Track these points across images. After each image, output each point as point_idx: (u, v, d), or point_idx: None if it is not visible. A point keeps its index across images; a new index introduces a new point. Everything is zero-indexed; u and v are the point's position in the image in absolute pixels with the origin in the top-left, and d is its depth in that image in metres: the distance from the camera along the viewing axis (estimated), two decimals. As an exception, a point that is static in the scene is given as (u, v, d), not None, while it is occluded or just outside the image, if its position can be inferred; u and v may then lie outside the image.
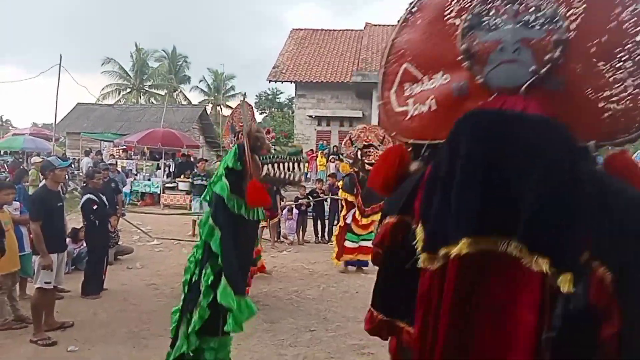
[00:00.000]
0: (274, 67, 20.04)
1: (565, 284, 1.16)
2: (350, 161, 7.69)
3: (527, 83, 1.38)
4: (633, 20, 1.39)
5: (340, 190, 7.75)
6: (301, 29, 23.69)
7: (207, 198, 2.95)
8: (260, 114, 37.05)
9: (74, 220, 8.31)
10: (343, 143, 8.12)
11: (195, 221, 10.73)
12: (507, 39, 1.43)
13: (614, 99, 1.38)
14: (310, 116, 19.46)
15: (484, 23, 1.48)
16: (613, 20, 1.39)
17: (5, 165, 15.57)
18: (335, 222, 10.56)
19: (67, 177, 8.51)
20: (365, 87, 18.17)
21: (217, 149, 25.63)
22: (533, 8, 1.43)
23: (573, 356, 1.22)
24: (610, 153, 1.47)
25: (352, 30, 23.51)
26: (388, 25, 22.66)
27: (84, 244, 6.89)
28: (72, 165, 17.81)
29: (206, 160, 13.03)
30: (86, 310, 5.47)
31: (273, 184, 3.29)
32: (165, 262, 8.05)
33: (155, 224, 11.25)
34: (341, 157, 11.16)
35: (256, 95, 41.93)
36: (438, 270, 1.34)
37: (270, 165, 3.07)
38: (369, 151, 7.42)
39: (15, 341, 4.58)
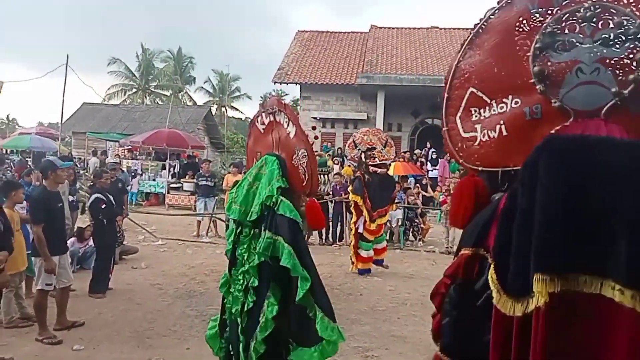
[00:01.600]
0: (279, 69, 20.07)
1: None
2: (355, 164, 7.68)
3: (609, 105, 1.28)
4: None
5: (351, 193, 7.74)
6: (306, 31, 23.71)
7: (254, 216, 2.75)
8: (265, 115, 37.00)
9: (79, 219, 8.35)
10: (347, 146, 8.12)
11: (200, 222, 10.78)
12: (585, 58, 1.33)
13: None
14: (315, 118, 19.45)
15: (558, 42, 1.38)
16: None
17: (12, 164, 15.63)
18: (339, 224, 10.58)
19: (75, 177, 8.53)
20: (370, 90, 18.17)
21: (221, 150, 25.71)
22: (612, 25, 1.31)
23: None
24: None
25: (357, 32, 23.51)
26: (393, 28, 22.70)
27: (90, 243, 6.93)
28: (78, 165, 17.90)
29: (210, 161, 13.05)
30: (91, 309, 5.50)
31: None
32: (169, 262, 8.08)
33: (159, 224, 11.29)
34: (345, 160, 11.16)
35: (261, 97, 41.90)
36: (519, 317, 1.21)
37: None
38: (373, 154, 7.44)
39: (21, 339, 4.61)
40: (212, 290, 6.42)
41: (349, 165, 8.06)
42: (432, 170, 15.99)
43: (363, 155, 7.52)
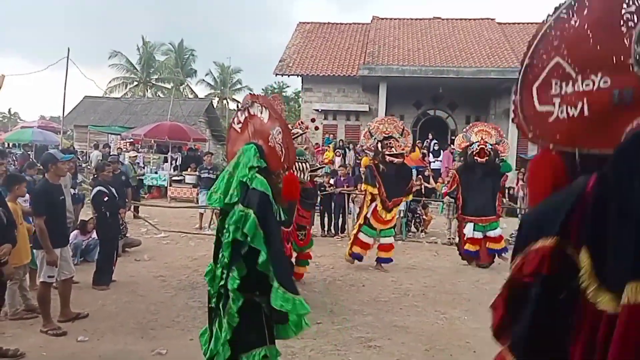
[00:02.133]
0: (280, 61, 19.98)
1: None
2: (371, 154, 7.55)
3: None
4: None
5: (363, 183, 7.65)
6: (308, 23, 23.58)
7: (235, 198, 2.80)
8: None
9: (82, 212, 8.38)
10: (362, 136, 7.88)
11: (202, 214, 10.80)
12: None
13: None
14: (317, 110, 19.40)
15: None
16: None
17: (15, 158, 15.67)
18: (341, 215, 10.60)
19: (76, 170, 8.55)
20: (372, 81, 18.08)
21: (223, 142, 25.69)
22: None
23: None
24: None
25: (359, 23, 23.37)
26: (395, 19, 22.56)
27: (93, 236, 6.96)
28: (80, 159, 17.94)
29: (212, 154, 13.05)
30: (95, 301, 5.54)
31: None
32: (172, 254, 8.12)
33: (162, 217, 11.32)
34: (363, 150, 11.08)
35: (262, 89, 41.83)
36: (612, 315, 1.12)
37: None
38: (389, 143, 7.30)
39: (26, 331, 4.64)
40: (215, 282, 6.46)
41: (367, 155, 7.81)
42: (434, 162, 15.97)
43: (379, 145, 7.38)
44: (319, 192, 10.56)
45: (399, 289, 6.49)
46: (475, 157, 7.64)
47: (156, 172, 16.04)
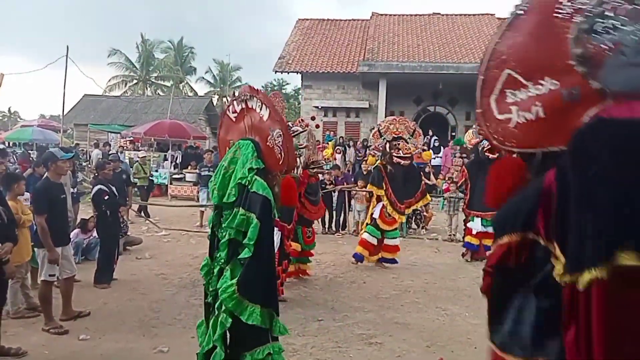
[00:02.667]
0: (279, 58, 19.94)
1: None
2: (379, 154, 7.45)
3: None
4: None
5: (369, 184, 7.57)
6: (307, 19, 23.53)
7: (232, 198, 2.82)
8: (267, 105, 36.96)
9: (82, 211, 8.39)
10: (371, 135, 7.74)
11: (203, 212, 10.80)
12: (627, 41, 1.33)
13: None
14: (317, 107, 19.38)
15: (601, 24, 1.37)
16: None
17: (15, 157, 15.67)
18: (342, 213, 10.60)
19: (76, 168, 8.55)
20: (372, 78, 18.06)
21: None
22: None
23: None
24: None
25: (358, 20, 23.32)
26: (394, 15, 22.50)
27: (94, 234, 6.97)
28: (81, 157, 17.93)
29: (212, 152, 13.03)
30: (96, 299, 5.55)
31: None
32: (173, 252, 8.12)
33: (163, 215, 11.33)
34: (368, 150, 11.01)
35: (262, 86, 41.68)
36: (585, 291, 1.22)
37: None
38: (398, 144, 7.18)
39: (28, 329, 4.65)
40: (216, 280, 6.47)
41: (373, 155, 7.71)
42: (434, 158, 15.96)
43: (388, 145, 7.25)
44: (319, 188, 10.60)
45: (400, 286, 6.49)
46: (486, 154, 7.56)
47: (156, 171, 16.05)
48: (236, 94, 3.27)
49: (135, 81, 34.22)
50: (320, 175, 6.77)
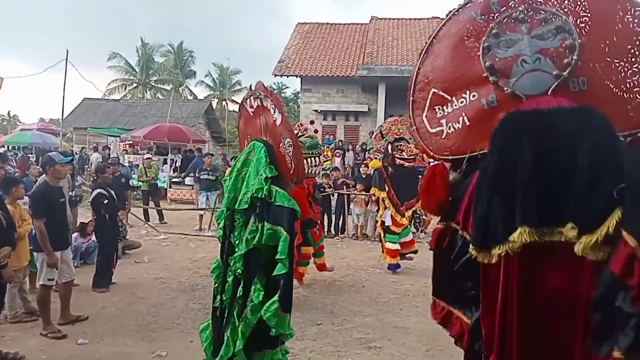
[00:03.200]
0: (279, 62, 19.97)
1: (595, 248, 1.31)
2: (381, 156, 7.39)
3: (553, 86, 1.54)
4: (636, 21, 1.54)
5: (372, 186, 7.54)
6: (306, 23, 23.57)
7: (244, 205, 2.80)
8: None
9: (81, 215, 8.38)
10: (373, 136, 7.73)
11: (202, 216, 10.79)
12: (526, 51, 1.58)
13: (636, 89, 1.50)
14: (316, 110, 19.39)
15: (502, 41, 1.64)
16: (619, 22, 1.55)
17: (14, 160, 15.65)
18: (342, 216, 10.58)
19: (75, 172, 8.54)
20: (371, 81, 18.08)
21: (223, 144, 25.68)
22: (543, 23, 1.60)
23: (615, 329, 1.28)
24: None
25: (357, 23, 23.36)
26: (394, 19, 22.55)
27: (92, 238, 6.96)
28: (83, 157, 17.92)
29: (212, 155, 13.02)
30: (95, 303, 5.53)
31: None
32: (172, 256, 8.11)
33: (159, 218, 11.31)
34: (368, 153, 10.92)
35: (262, 90, 41.65)
36: (496, 265, 1.47)
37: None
38: (400, 145, 7.13)
39: (26, 334, 4.64)
40: (215, 284, 6.46)
41: (376, 158, 7.57)
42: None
43: (390, 147, 7.18)
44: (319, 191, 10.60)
45: (399, 290, 6.48)
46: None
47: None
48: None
49: (135, 85, 34.25)
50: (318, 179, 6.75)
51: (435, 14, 22.94)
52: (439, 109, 1.78)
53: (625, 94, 1.50)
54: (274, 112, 2.98)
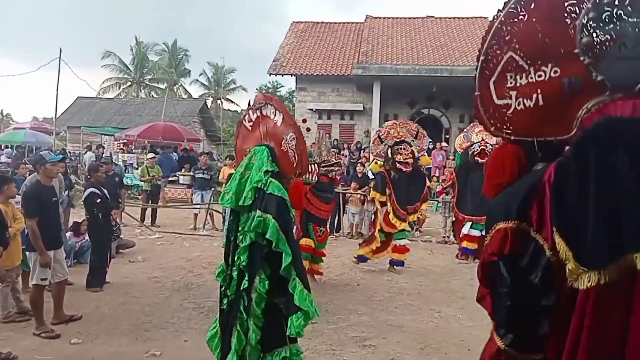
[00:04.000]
0: (274, 60, 19.93)
1: None
2: (382, 160, 7.25)
3: None
4: None
5: (372, 190, 7.39)
6: (301, 22, 23.54)
7: (248, 201, 2.84)
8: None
9: (75, 214, 8.33)
10: (372, 141, 7.49)
11: (197, 215, 10.76)
12: (630, 34, 1.31)
13: None
14: (311, 109, 19.38)
15: (607, 14, 1.34)
16: None
17: (7, 157, 15.54)
18: (337, 215, 10.58)
19: (67, 171, 8.47)
20: (366, 80, 18.08)
21: (217, 143, 25.63)
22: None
23: None
24: None
25: (352, 22, 23.36)
26: (389, 18, 22.57)
27: (86, 237, 6.92)
28: (72, 159, 17.83)
29: (207, 154, 12.98)
30: (89, 303, 5.50)
31: None
32: (166, 255, 8.08)
33: (157, 218, 11.26)
34: (362, 152, 10.86)
35: (256, 89, 41.67)
36: (592, 290, 1.22)
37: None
38: (401, 148, 6.96)
39: (19, 334, 4.61)
40: (210, 283, 6.43)
41: (376, 162, 7.42)
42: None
43: (390, 151, 7.04)
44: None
45: (394, 288, 6.49)
46: (476, 158, 7.58)
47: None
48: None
49: (129, 83, 34.12)
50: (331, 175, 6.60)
51: (429, 13, 23.01)
52: (511, 77, 1.50)
53: None
54: (274, 115, 3.05)
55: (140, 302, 5.60)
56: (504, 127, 1.53)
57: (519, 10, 1.48)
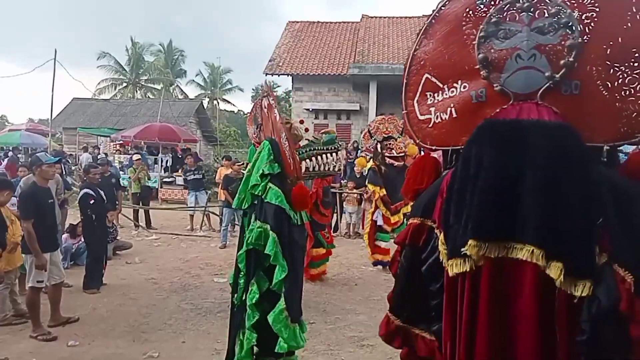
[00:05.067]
0: (270, 60, 19.91)
1: (583, 290, 1.25)
2: (370, 155, 7.31)
3: (543, 88, 1.44)
4: None
5: (368, 183, 7.34)
6: (297, 22, 23.52)
7: (246, 205, 2.81)
8: (257, 107, 36.94)
9: (71, 215, 8.30)
10: (362, 136, 7.48)
11: (192, 216, 10.73)
12: (523, 45, 1.47)
13: (631, 98, 1.39)
14: (308, 109, 19.37)
15: (500, 31, 1.51)
16: (630, 20, 1.40)
17: (1, 161, 15.47)
18: (334, 215, 10.58)
19: (64, 173, 8.44)
20: (362, 80, 18.09)
21: (214, 143, 25.59)
22: (547, 15, 1.46)
23: (608, 356, 1.26)
24: (632, 152, 1.50)
25: (348, 22, 23.36)
26: (384, 17, 22.58)
27: (82, 239, 6.89)
28: (69, 161, 17.76)
29: (193, 156, 12.80)
30: (86, 305, 5.49)
31: (312, 179, 3.25)
32: (163, 256, 8.06)
33: (153, 219, 11.23)
34: (359, 151, 10.76)
35: (253, 89, 41.72)
36: (462, 275, 1.43)
37: (308, 160, 2.99)
38: (389, 143, 7.04)
39: (16, 336, 4.59)
40: (207, 284, 6.43)
41: (364, 156, 7.49)
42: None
43: (379, 146, 7.09)
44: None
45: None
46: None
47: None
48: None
49: (125, 84, 34.01)
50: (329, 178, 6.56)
51: (425, 12, 23.03)
52: (430, 95, 1.73)
53: (618, 103, 1.39)
54: (275, 109, 3.02)
55: (137, 304, 5.59)
56: (426, 139, 1.74)
57: (428, 39, 1.73)
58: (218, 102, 37.54)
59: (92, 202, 6.02)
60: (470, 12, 1.60)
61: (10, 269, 4.80)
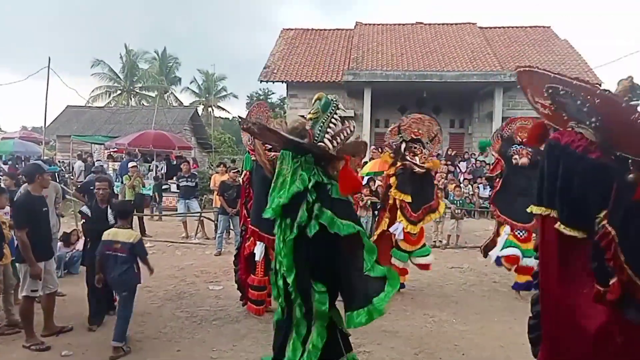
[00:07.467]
0: (265, 67, 19.97)
1: (572, 232, 2.36)
2: (390, 151, 6.44)
3: (588, 124, 2.35)
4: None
5: (394, 189, 6.23)
6: (292, 29, 23.63)
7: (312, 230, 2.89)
8: (252, 114, 36.98)
9: (65, 224, 8.24)
10: (389, 130, 6.60)
11: (185, 223, 10.68)
12: (570, 104, 2.36)
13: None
14: (303, 116, 19.37)
15: (558, 95, 2.41)
16: (624, 118, 2.10)
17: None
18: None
19: (56, 181, 8.38)
20: (357, 86, 18.17)
21: (209, 150, 25.56)
22: (575, 99, 2.32)
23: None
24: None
25: (342, 29, 23.50)
26: (378, 24, 22.73)
27: (76, 248, 6.84)
28: (63, 169, 17.67)
29: (188, 162, 12.75)
30: (79, 314, 5.42)
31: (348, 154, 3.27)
32: (158, 264, 7.97)
33: (148, 226, 11.18)
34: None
35: (247, 96, 41.88)
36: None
37: (326, 139, 3.16)
38: (415, 147, 6.21)
39: (9, 346, 4.53)
40: (202, 292, 6.39)
41: (388, 152, 6.53)
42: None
43: (403, 146, 6.26)
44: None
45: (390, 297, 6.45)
46: (514, 159, 6.45)
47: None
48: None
49: (119, 92, 33.98)
50: None
51: (419, 20, 23.21)
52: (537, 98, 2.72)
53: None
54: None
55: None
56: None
57: (524, 79, 2.68)
58: (213, 109, 37.56)
59: (82, 221, 5.58)
60: (542, 89, 2.50)
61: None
